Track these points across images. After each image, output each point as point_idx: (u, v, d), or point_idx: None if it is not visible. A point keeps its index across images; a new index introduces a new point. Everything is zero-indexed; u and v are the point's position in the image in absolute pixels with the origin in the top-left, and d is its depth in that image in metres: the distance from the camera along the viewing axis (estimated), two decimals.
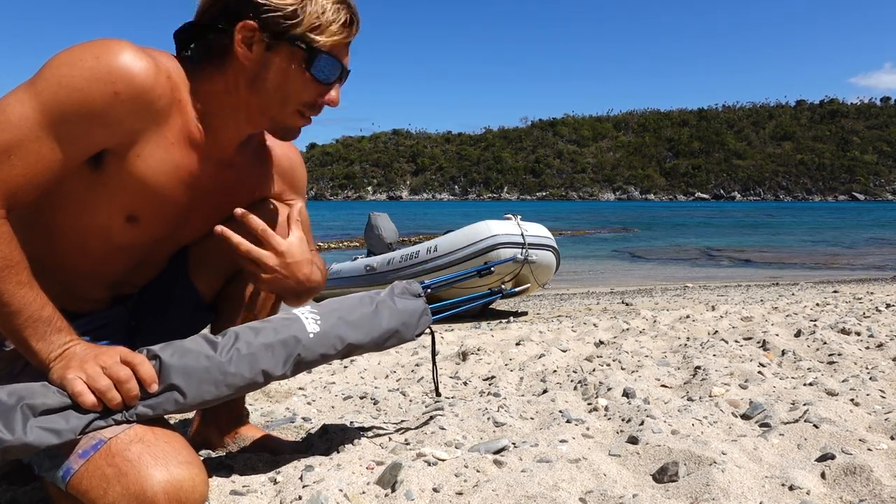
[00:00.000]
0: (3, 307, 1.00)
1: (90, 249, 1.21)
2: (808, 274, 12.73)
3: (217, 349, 1.11)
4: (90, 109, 1.03)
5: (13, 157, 1.00)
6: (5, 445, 0.93)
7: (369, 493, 1.16)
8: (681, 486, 1.18)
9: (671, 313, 4.32)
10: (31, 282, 1.02)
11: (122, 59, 1.05)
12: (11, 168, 1.00)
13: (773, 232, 30.41)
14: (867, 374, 2.09)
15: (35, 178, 1.03)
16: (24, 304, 1.01)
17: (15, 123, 1.00)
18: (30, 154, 1.01)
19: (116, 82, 1.04)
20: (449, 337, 3.66)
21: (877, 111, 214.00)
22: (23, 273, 1.01)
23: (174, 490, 0.97)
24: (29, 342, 1.03)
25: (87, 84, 1.02)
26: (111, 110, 1.05)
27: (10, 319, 1.01)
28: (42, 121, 1.01)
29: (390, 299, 1.34)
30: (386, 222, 8.40)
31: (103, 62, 1.03)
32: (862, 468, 1.19)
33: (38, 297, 1.03)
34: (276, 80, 1.16)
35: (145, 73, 1.07)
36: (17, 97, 1.02)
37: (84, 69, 1.02)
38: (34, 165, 1.02)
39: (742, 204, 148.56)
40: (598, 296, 8.93)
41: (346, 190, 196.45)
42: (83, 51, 1.04)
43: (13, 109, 1.01)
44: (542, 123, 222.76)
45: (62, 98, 1.02)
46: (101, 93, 1.03)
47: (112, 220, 1.17)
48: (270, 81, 1.16)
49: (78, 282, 1.25)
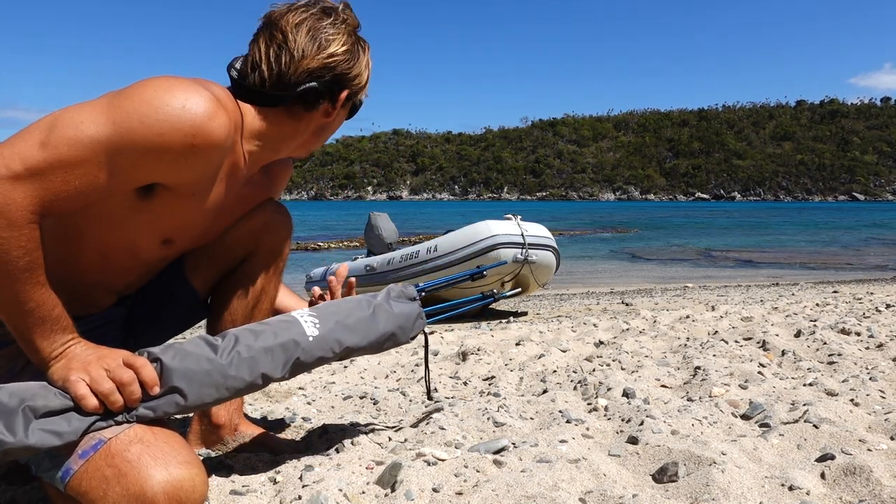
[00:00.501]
0: (20, 305, 1.01)
1: (112, 262, 1.23)
2: (808, 274, 12.73)
3: (217, 352, 1.11)
4: (162, 154, 1.05)
5: (69, 174, 1.00)
6: (7, 447, 0.93)
7: (369, 493, 1.16)
8: (680, 487, 1.18)
9: (671, 313, 4.32)
10: (46, 282, 1.03)
11: (206, 113, 1.06)
12: (64, 184, 1.01)
13: (773, 232, 30.42)
14: (867, 375, 2.09)
15: (81, 195, 1.04)
16: (38, 304, 1.02)
17: (85, 144, 1.00)
18: (87, 175, 1.02)
19: (197, 136, 1.05)
20: (449, 337, 3.66)
21: (877, 111, 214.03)
22: (42, 275, 1.02)
23: (174, 490, 0.97)
24: (34, 339, 1.03)
25: (169, 131, 1.03)
26: (182, 159, 1.07)
27: (23, 317, 1.02)
28: (111, 150, 1.02)
29: (386, 303, 1.36)
30: (386, 222, 8.40)
31: (189, 115, 1.04)
32: (862, 468, 1.19)
33: (50, 297, 1.04)
34: (335, 129, 1.34)
35: (223, 129, 1.10)
36: (94, 118, 1.01)
37: (169, 115, 1.03)
38: (86, 185, 1.03)
39: (742, 204, 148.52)
40: (597, 296, 8.93)
41: (346, 190, 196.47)
42: (171, 94, 1.04)
43: (87, 129, 1.00)
44: (542, 123, 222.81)
45: (138, 136, 1.02)
46: (179, 143, 1.04)
47: (148, 242, 1.22)
48: (333, 130, 1.34)
49: (88, 290, 1.26)
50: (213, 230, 1.34)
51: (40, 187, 0.98)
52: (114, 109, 1.02)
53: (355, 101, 1.33)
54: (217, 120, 1.08)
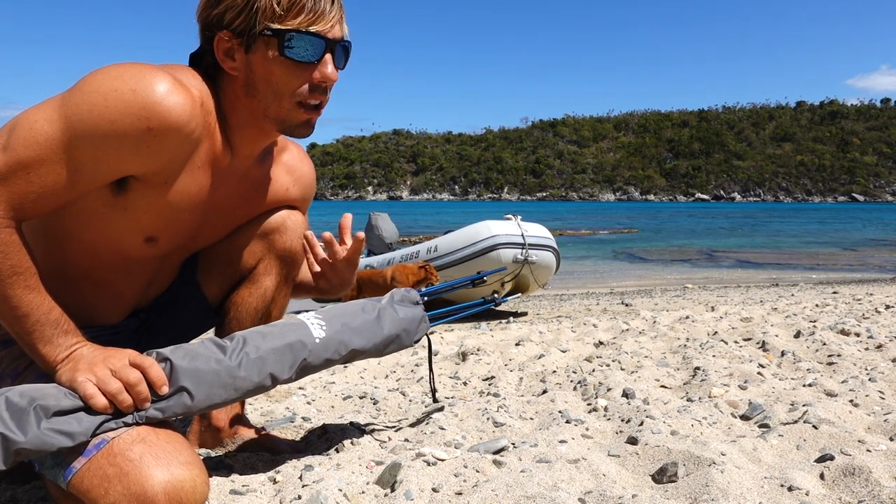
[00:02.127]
0: (12, 311, 1.01)
1: (103, 263, 1.22)
2: (807, 275, 12.73)
3: (226, 353, 1.12)
4: (120, 142, 1.01)
5: (31, 175, 1.00)
6: (19, 447, 0.93)
7: (369, 493, 1.16)
8: (680, 487, 1.18)
9: (671, 314, 4.32)
10: (38, 287, 1.03)
11: (158, 94, 1.02)
12: (28, 185, 1.00)
13: (772, 233, 30.41)
14: (866, 376, 2.09)
15: (50, 195, 1.03)
16: (31, 308, 1.02)
17: (40, 143, 0.99)
18: (49, 174, 1.01)
19: (151, 118, 1.02)
20: (449, 337, 3.66)
21: (877, 112, 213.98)
22: (31, 279, 1.02)
23: (175, 491, 0.97)
24: (36, 345, 1.04)
25: (120, 117, 1.00)
26: (142, 145, 1.03)
27: (19, 323, 1.02)
28: (67, 144, 1.00)
29: (391, 306, 1.37)
30: (386, 222, 8.41)
31: (140, 97, 1.01)
32: (861, 469, 1.19)
33: (45, 301, 1.04)
34: (263, 77, 1.14)
35: (181, 108, 1.05)
36: (47, 115, 1.00)
37: (119, 101, 1.00)
38: (51, 185, 1.02)
39: (742, 205, 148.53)
40: (597, 296, 8.93)
41: (347, 190, 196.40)
42: (119, 80, 1.01)
43: (41, 128, 0.99)
44: (542, 124, 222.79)
45: (92, 126, 1.00)
46: (133, 127, 1.01)
47: (130, 240, 1.18)
48: (259, 80, 1.14)
49: (92, 297, 1.25)
50: (208, 229, 1.30)
51: (6, 191, 0.98)
52: (65, 104, 1.01)
53: (271, 32, 1.11)
54: (171, 100, 1.03)
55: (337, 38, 1.16)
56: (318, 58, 1.14)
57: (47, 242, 1.16)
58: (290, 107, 1.16)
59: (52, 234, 1.16)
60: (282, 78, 1.14)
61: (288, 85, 1.14)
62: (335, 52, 1.17)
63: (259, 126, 1.20)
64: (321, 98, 1.18)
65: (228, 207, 1.29)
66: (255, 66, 1.14)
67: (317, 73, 1.15)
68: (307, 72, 1.14)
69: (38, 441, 0.94)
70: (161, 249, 1.24)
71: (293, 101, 1.16)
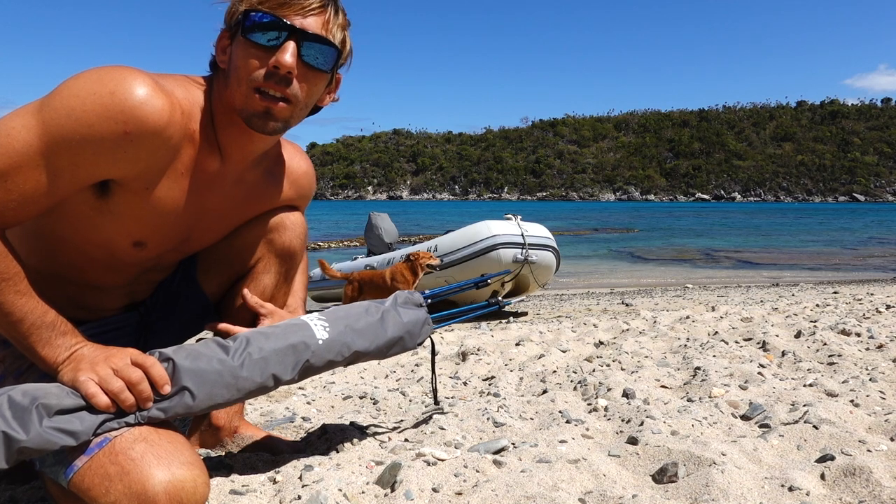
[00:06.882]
0: (6, 316, 1.01)
1: (96, 263, 1.22)
2: (808, 275, 12.73)
3: (229, 353, 1.12)
4: (97, 146, 1.01)
5: (9, 182, 0.99)
6: (21, 445, 0.93)
7: (368, 493, 1.16)
8: (680, 487, 1.18)
9: (671, 314, 4.32)
10: (29, 291, 1.02)
11: (136, 98, 1.01)
12: (7, 192, 0.99)
13: (773, 233, 30.41)
14: (867, 376, 2.09)
15: (30, 202, 1.02)
16: (25, 313, 1.02)
17: (17, 149, 0.98)
18: (28, 180, 1.00)
19: (128, 122, 1.01)
20: (449, 337, 3.66)
21: (877, 112, 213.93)
22: (21, 283, 1.01)
23: (175, 491, 0.97)
24: (35, 348, 1.04)
25: (97, 121, 0.99)
26: (119, 149, 1.02)
27: (14, 328, 1.02)
28: (45, 150, 0.99)
29: (394, 309, 1.37)
30: (386, 222, 8.41)
31: (117, 99, 1.00)
32: (861, 469, 1.19)
33: (38, 305, 1.03)
34: (233, 63, 1.13)
35: (158, 112, 1.03)
36: (24, 121, 0.99)
37: (96, 104, 0.99)
38: (31, 192, 1.01)
39: (742, 205, 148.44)
40: (597, 296, 8.93)
41: (347, 189, 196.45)
42: (97, 83, 1.00)
43: (18, 135, 0.99)
44: (542, 124, 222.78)
45: (69, 130, 0.99)
46: (110, 131, 1.00)
47: (119, 244, 1.18)
48: (231, 68, 1.13)
49: (86, 292, 1.26)
50: (201, 233, 1.29)
51: None
52: (43, 109, 1.00)
53: (240, 16, 1.10)
54: (151, 105, 1.02)
55: (309, 30, 1.11)
56: (275, 42, 1.09)
57: (39, 244, 1.17)
58: (247, 92, 1.11)
59: (44, 236, 1.17)
60: (239, 60, 1.11)
61: (244, 68, 1.10)
62: (302, 44, 1.11)
63: (236, 122, 1.15)
64: (281, 90, 1.11)
65: (221, 212, 1.28)
66: (232, 54, 1.14)
67: (273, 58, 1.09)
68: (265, 56, 1.10)
69: (40, 440, 0.94)
70: (151, 252, 1.23)
71: (250, 86, 1.11)
